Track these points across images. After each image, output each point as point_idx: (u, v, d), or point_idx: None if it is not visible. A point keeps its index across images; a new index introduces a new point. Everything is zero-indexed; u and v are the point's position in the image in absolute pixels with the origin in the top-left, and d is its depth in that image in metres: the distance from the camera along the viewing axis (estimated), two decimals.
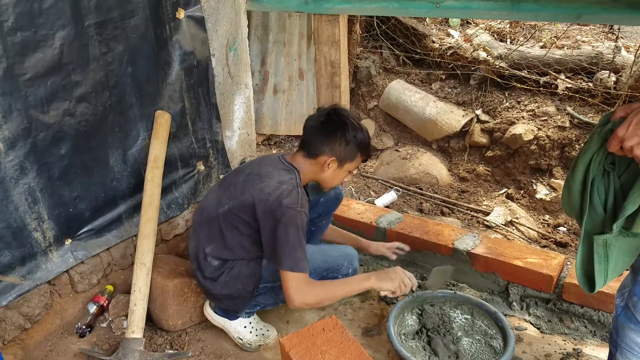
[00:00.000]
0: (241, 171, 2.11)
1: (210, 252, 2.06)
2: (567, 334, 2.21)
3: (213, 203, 2.08)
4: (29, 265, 2.17)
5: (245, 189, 1.97)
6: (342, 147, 2.00)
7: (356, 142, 2.02)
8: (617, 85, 3.96)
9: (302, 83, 4.76)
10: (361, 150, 2.06)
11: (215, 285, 2.08)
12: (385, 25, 5.04)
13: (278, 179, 1.95)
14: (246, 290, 2.08)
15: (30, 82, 1.98)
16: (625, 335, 1.40)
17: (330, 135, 2.00)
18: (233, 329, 2.21)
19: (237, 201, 1.97)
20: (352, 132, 2.00)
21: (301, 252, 1.86)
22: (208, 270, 2.08)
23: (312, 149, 2.03)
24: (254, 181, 1.98)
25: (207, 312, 2.27)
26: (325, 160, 2.01)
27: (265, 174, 1.99)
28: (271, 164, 2.06)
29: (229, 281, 2.06)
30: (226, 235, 2.02)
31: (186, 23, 2.54)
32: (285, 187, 1.91)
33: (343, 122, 2.00)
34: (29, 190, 2.09)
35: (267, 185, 1.93)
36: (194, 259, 2.15)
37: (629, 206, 1.22)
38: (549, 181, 4.07)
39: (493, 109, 4.48)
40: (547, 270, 2.23)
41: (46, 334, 2.31)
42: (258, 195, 1.92)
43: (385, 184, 4.41)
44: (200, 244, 2.09)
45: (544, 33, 4.91)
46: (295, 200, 1.88)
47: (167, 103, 2.57)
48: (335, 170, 2.06)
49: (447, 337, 2.04)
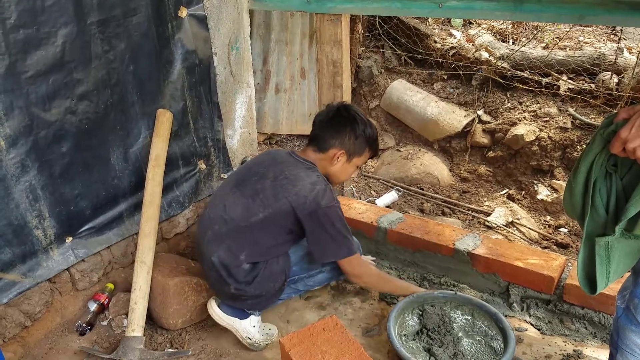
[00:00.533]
0: (261, 175, 2.07)
1: (244, 259, 2.04)
2: (568, 335, 2.21)
3: (240, 212, 2.03)
4: (30, 263, 2.18)
5: (279, 195, 1.98)
6: (351, 141, 2.07)
7: (365, 136, 2.09)
8: (619, 86, 3.95)
9: (304, 82, 4.75)
10: (369, 145, 2.13)
11: (250, 288, 2.06)
12: (388, 25, 5.03)
13: (308, 180, 2.00)
14: (275, 288, 2.12)
15: (32, 80, 1.99)
16: (626, 337, 1.39)
17: (340, 129, 2.07)
18: (242, 329, 2.16)
19: (273, 209, 1.99)
20: (361, 126, 2.07)
21: (350, 237, 2.05)
22: (241, 275, 2.04)
23: (322, 143, 2.09)
24: (286, 186, 1.99)
25: (214, 311, 2.18)
26: (334, 153, 2.08)
27: (294, 177, 2.01)
28: (292, 164, 2.08)
29: (262, 281, 2.07)
30: (260, 241, 2.04)
31: (188, 21, 2.54)
32: (319, 188, 1.98)
33: (352, 116, 2.08)
34: (30, 188, 2.09)
35: (301, 189, 1.97)
36: (222, 268, 2.04)
37: (631, 208, 1.21)
38: (550, 182, 4.06)
39: (495, 109, 4.47)
40: (547, 272, 2.23)
41: (46, 331, 2.31)
42: (295, 201, 1.96)
43: (387, 184, 4.40)
44: (232, 252, 2.03)
45: (546, 34, 4.90)
46: (330, 197, 1.99)
47: (169, 101, 2.57)
48: (344, 164, 2.13)
49: (447, 338, 2.03)
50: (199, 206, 2.95)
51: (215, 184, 3.00)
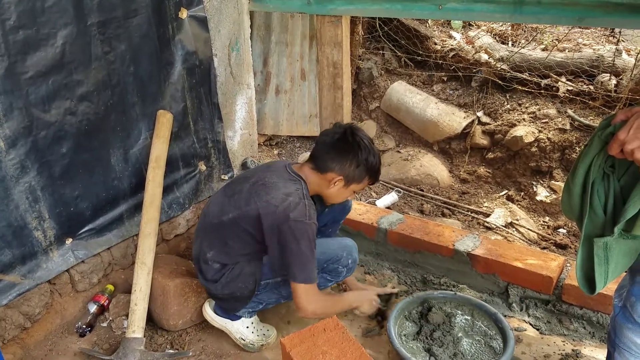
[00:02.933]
0: (247, 179, 2.08)
1: (212, 257, 2.07)
2: (566, 335, 2.21)
3: (216, 210, 2.07)
4: (30, 264, 2.17)
5: (251, 199, 1.96)
6: (351, 168, 1.99)
7: (367, 165, 2.00)
8: (617, 88, 3.96)
9: (304, 84, 4.76)
10: (370, 174, 2.04)
11: (216, 286, 2.09)
12: (388, 26, 5.04)
13: (284, 190, 1.93)
14: (247, 289, 2.08)
15: (31, 81, 1.99)
16: (623, 335, 1.40)
17: (342, 154, 1.98)
18: (235, 330, 2.21)
19: (241, 211, 1.97)
20: (364, 154, 1.98)
21: (313, 263, 1.89)
22: (210, 273, 2.09)
23: (321, 164, 2.01)
24: (259, 192, 1.96)
25: (208, 314, 2.25)
26: (332, 177, 2.00)
27: (271, 185, 1.97)
28: (277, 173, 2.04)
29: (230, 281, 2.07)
30: (229, 243, 2.02)
31: (189, 23, 2.54)
32: (292, 200, 1.90)
33: (357, 143, 1.98)
34: (30, 189, 2.09)
35: (273, 198, 1.91)
36: (195, 262, 2.16)
37: (630, 209, 1.22)
38: (549, 183, 4.07)
39: (494, 111, 4.48)
40: (546, 272, 2.23)
41: (46, 333, 2.31)
42: (264, 207, 1.90)
43: (387, 185, 4.41)
44: (202, 248, 2.10)
45: (545, 36, 4.91)
46: (302, 212, 1.88)
47: (169, 102, 2.57)
48: (341, 188, 2.05)
49: (447, 338, 2.04)
50: (199, 207, 2.95)
51: (216, 185, 3.01)
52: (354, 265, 2.25)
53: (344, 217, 2.46)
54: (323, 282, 2.21)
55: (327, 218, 2.36)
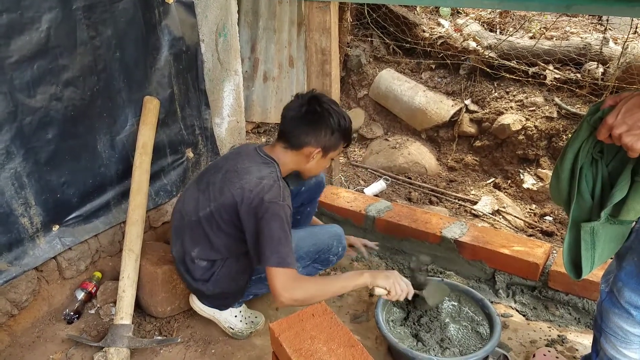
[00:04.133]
0: (218, 169, 2.02)
1: (197, 255, 2.01)
2: (552, 320, 2.25)
3: (192, 206, 2.01)
4: (16, 251, 2.16)
5: (224, 188, 1.90)
6: (327, 137, 1.94)
7: (340, 130, 1.96)
8: (604, 76, 3.99)
9: (292, 71, 4.73)
10: (344, 137, 2.01)
11: (207, 286, 2.05)
12: (376, 13, 5.02)
13: (257, 174, 1.88)
14: (238, 286, 2.08)
15: (16, 66, 1.96)
16: (610, 320, 1.42)
17: (315, 125, 1.93)
18: (224, 319, 2.21)
19: (217, 203, 1.91)
20: (335, 119, 1.93)
21: (287, 246, 1.76)
22: (198, 273, 2.03)
23: (294, 140, 1.95)
24: (233, 180, 1.90)
25: (195, 304, 2.22)
26: (310, 151, 1.95)
27: (243, 171, 1.91)
28: (248, 158, 1.98)
29: (221, 279, 2.03)
30: (211, 237, 1.96)
31: (175, 8, 2.51)
32: (265, 182, 1.84)
33: (326, 110, 1.93)
34: (16, 175, 2.07)
35: (247, 183, 1.86)
36: (180, 263, 2.09)
37: (617, 193, 1.23)
38: (536, 171, 4.10)
39: (482, 99, 4.50)
40: (533, 259, 2.26)
41: (33, 320, 2.29)
42: (239, 194, 1.84)
43: (375, 173, 4.42)
44: (185, 248, 2.03)
45: (533, 24, 4.92)
46: (277, 194, 1.81)
47: (156, 89, 2.55)
48: (320, 160, 2.01)
49: (434, 324, 2.06)
50: None
51: None
52: (343, 252, 2.25)
53: (320, 192, 2.42)
54: (313, 270, 2.20)
55: (303, 197, 2.34)
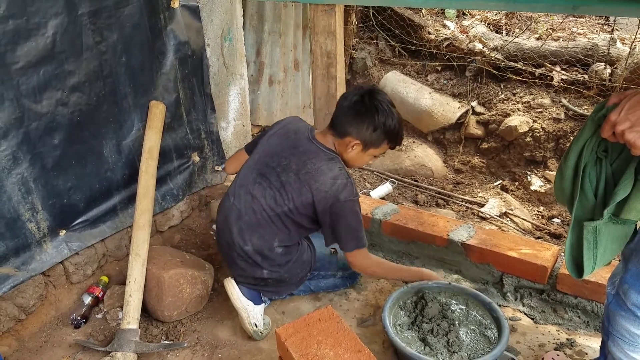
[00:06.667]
0: (284, 168, 2.08)
1: (277, 244, 2.13)
2: (561, 324, 2.23)
3: (271, 204, 2.09)
4: (23, 256, 2.16)
5: (302, 189, 2.03)
6: (368, 132, 2.01)
7: (384, 128, 2.01)
8: (612, 77, 3.97)
9: (298, 74, 4.73)
10: (389, 138, 2.06)
11: (282, 270, 2.17)
12: (381, 16, 5.02)
13: (330, 174, 2.01)
14: (300, 276, 2.24)
15: (22, 71, 1.97)
16: (617, 323, 1.41)
17: (359, 118, 2.00)
18: (253, 315, 2.19)
19: (296, 202, 2.05)
20: (381, 117, 1.98)
21: (362, 231, 2.07)
22: (278, 260, 2.15)
23: (340, 128, 2.05)
24: (309, 181, 2.02)
25: (234, 289, 2.20)
26: (350, 141, 2.04)
27: (316, 172, 2.02)
28: (313, 155, 2.07)
29: (294, 266, 2.19)
30: (291, 228, 2.11)
31: (181, 12, 2.52)
32: (339, 182, 1.99)
33: (375, 106, 1.98)
34: (22, 181, 2.08)
35: (322, 184, 2.00)
36: (256, 255, 2.12)
37: (620, 192, 1.23)
38: (543, 173, 4.08)
39: (488, 100, 4.48)
40: (541, 261, 2.24)
41: (41, 325, 2.30)
42: (316, 195, 2.00)
43: (381, 176, 4.41)
44: (265, 240, 2.11)
45: (539, 25, 4.90)
46: (350, 192, 2.00)
47: (162, 93, 2.55)
48: (359, 153, 2.08)
49: (442, 327, 2.04)
50: (192, 199, 2.94)
51: (210, 177, 2.99)
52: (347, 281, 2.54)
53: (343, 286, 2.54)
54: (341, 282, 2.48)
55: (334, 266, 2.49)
